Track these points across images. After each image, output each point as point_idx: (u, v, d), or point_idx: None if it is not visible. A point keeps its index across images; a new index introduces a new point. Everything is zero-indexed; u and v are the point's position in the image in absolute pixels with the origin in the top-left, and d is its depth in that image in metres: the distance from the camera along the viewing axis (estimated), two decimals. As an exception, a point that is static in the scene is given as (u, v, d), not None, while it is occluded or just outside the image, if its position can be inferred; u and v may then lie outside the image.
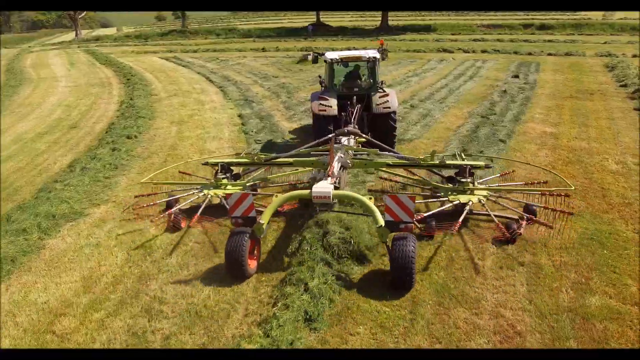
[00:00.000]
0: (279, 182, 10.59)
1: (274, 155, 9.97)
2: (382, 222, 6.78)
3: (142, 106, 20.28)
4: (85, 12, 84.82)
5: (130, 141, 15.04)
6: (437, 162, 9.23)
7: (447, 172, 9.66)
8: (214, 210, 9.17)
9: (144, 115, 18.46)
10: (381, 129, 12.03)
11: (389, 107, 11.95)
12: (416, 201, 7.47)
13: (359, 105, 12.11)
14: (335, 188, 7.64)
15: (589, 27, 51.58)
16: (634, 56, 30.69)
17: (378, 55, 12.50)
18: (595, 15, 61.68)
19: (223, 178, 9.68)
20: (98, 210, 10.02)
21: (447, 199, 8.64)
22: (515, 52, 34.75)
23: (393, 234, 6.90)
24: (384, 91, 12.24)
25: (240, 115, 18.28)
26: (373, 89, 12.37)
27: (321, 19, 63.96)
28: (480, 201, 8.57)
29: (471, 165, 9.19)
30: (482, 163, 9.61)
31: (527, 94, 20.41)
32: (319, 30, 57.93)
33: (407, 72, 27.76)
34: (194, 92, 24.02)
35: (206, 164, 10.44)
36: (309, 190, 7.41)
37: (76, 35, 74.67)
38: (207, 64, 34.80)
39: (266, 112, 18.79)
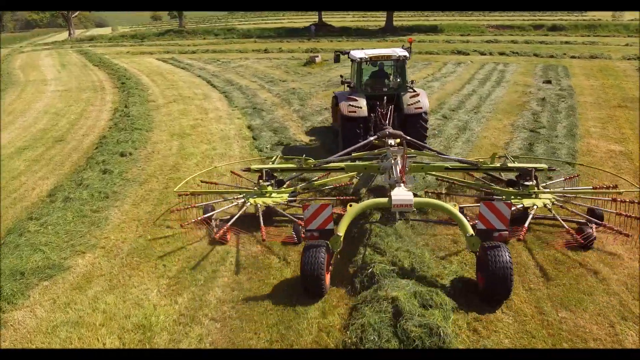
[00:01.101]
0: (322, 188, 10.04)
1: (323, 160, 9.47)
2: (471, 232, 6.51)
3: (138, 115, 18.02)
4: (78, 12, 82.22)
5: (124, 160, 12.79)
6: (499, 165, 9.08)
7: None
8: (248, 221, 8.31)
9: (140, 126, 16.19)
10: (412, 129, 11.40)
11: (421, 108, 11.58)
12: (472, 204, 7.38)
13: (390, 105, 11.72)
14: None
15: (603, 28, 49.73)
16: (666, 59, 28.81)
17: (408, 54, 11.92)
18: (605, 16, 59.90)
19: (268, 185, 8.98)
20: (82, 261, 7.77)
21: (521, 205, 8.17)
22: (536, 55, 32.73)
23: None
24: (414, 91, 11.91)
25: (250, 127, 16.08)
26: (402, 89, 12.01)
27: (323, 19, 61.79)
28: (545, 205, 8.10)
29: (535, 167, 8.84)
30: (545, 166, 9.32)
31: (569, 102, 18.32)
32: (321, 30, 55.77)
33: (426, 76, 25.62)
34: (195, 98, 21.77)
35: (247, 169, 9.70)
36: (386, 199, 7.10)
37: (69, 34, 72.10)
38: (207, 66, 32.54)
39: (279, 123, 16.59)
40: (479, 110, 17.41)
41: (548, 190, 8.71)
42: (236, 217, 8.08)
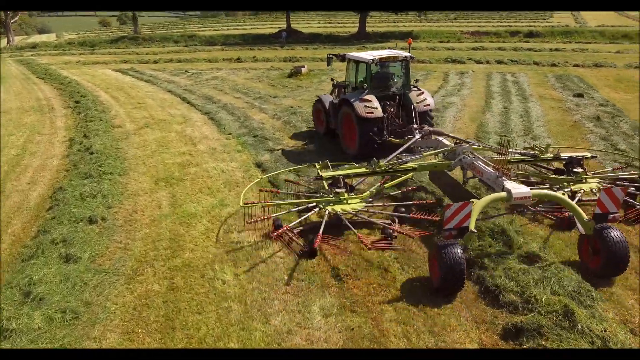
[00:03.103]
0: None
1: (394, 162, 9.38)
2: (586, 217, 6.94)
3: (104, 149, 13.69)
4: (19, 16, 74.07)
5: (94, 232, 8.62)
6: (553, 155, 9.67)
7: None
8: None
9: (110, 168, 11.95)
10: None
11: (429, 105, 12.39)
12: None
13: (401, 104, 12.41)
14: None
15: (579, 35, 48.97)
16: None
17: (412, 55, 12.61)
18: (571, 22, 59.85)
19: (344, 191, 8.73)
20: None
21: (569, 189, 8.79)
22: (536, 63, 30.55)
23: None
24: (419, 89, 12.66)
25: (259, 165, 12.23)
26: (407, 88, 12.61)
27: (292, 25, 58.16)
28: (592, 190, 8.78)
29: (584, 156, 9.59)
30: (589, 154, 10.02)
31: (627, 121, 15.65)
32: (290, 37, 52.12)
33: (436, 89, 22.52)
34: (172, 121, 17.57)
35: (319, 178, 9.05)
36: (505, 193, 7.22)
37: (8, 42, 64.41)
38: (175, 79, 28.15)
39: (297, 157, 12.82)
40: (535, 135, 14.36)
41: (595, 176, 9.43)
42: (323, 226, 7.79)
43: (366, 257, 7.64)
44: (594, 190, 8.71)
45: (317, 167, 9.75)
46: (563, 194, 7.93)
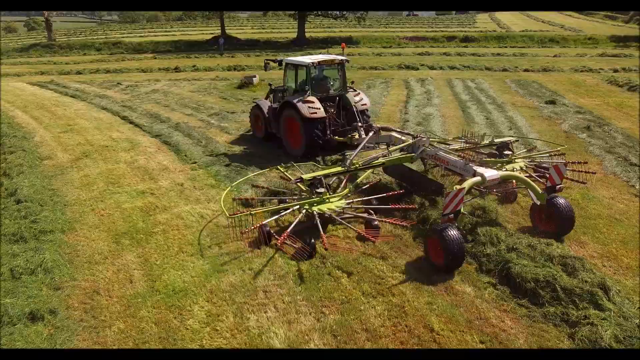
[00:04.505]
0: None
1: (369, 158, 9.72)
2: (540, 190, 8.20)
3: (34, 193, 10.59)
4: None
5: (38, 335, 5.87)
6: (488, 142, 10.79)
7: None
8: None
9: (48, 224, 8.96)
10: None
11: (365, 104, 13.03)
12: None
13: (342, 104, 13.03)
14: None
15: (511, 39, 50.70)
16: (615, 71, 28.24)
17: (347, 58, 13.27)
18: (493, 27, 62.28)
19: (326, 191, 8.94)
20: None
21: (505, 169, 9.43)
22: (488, 68, 30.48)
23: None
24: (355, 90, 13.33)
25: (248, 205, 9.86)
26: (345, 89, 13.20)
27: (227, 31, 55.06)
28: (522, 168, 9.86)
29: (510, 140, 10.60)
30: (513, 138, 11.09)
31: (618, 130, 15.10)
32: (227, 43, 49.13)
33: (405, 99, 21.20)
34: (117, 147, 14.57)
35: (300, 180, 8.87)
36: (478, 178, 7.93)
37: None
38: (108, 93, 24.57)
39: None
40: (534, 148, 13.25)
41: (520, 157, 10.48)
42: (321, 230, 7.83)
43: (362, 249, 8.07)
44: (523, 168, 9.94)
45: (281, 169, 10.33)
46: (518, 173, 8.92)
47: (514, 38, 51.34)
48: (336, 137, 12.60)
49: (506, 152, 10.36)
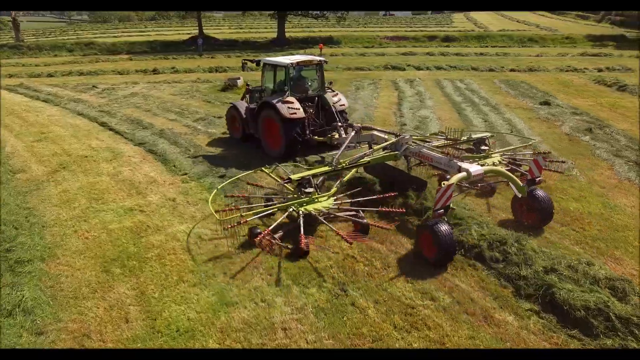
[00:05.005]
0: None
1: (353, 157, 9.69)
2: (521, 183, 8.32)
3: (6, 214, 9.44)
4: None
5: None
6: (466, 137, 10.80)
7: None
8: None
9: (25, 252, 7.88)
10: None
11: (344, 105, 13.13)
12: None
13: (320, 105, 13.08)
14: None
15: (491, 39, 50.91)
16: (600, 70, 28.37)
17: (325, 59, 13.21)
18: (470, 26, 62.62)
19: (315, 191, 8.94)
20: None
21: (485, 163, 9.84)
22: (474, 69, 30.23)
23: None
24: (333, 91, 13.42)
25: (255, 235, 8.99)
26: (323, 90, 13.22)
27: (204, 31, 53.59)
28: (500, 162, 10.21)
29: (486, 136, 10.77)
30: (489, 134, 11.17)
31: (620, 133, 14.80)
32: (206, 43, 47.75)
33: (397, 101, 20.60)
34: (98, 157, 13.45)
35: (289, 180, 8.78)
36: (464, 173, 7.91)
37: None
38: (83, 97, 23.18)
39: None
40: (550, 155, 12.77)
41: (497, 152, 10.70)
42: (302, 231, 7.83)
43: (353, 247, 7.97)
44: (501, 162, 10.18)
45: (266, 170, 10.20)
46: (500, 168, 8.99)
47: (494, 38, 51.51)
48: (315, 137, 12.68)
49: (483, 148, 10.63)
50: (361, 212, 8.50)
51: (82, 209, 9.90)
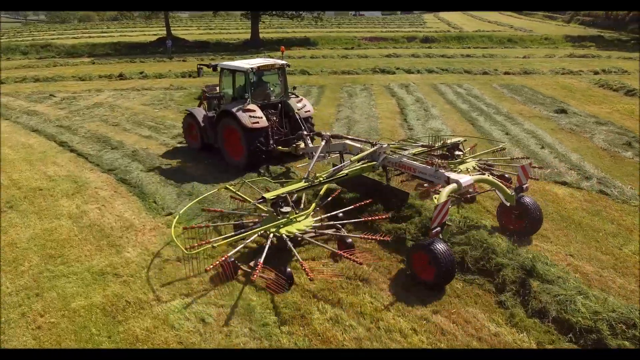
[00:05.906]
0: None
1: (330, 172, 8.95)
2: (509, 191, 8.14)
3: None
4: None
5: None
6: (441, 143, 10.37)
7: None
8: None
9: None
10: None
11: (309, 111, 12.62)
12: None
13: (284, 112, 12.37)
14: None
15: (470, 40, 49.93)
16: (596, 73, 27.30)
17: (287, 62, 12.62)
18: (443, 27, 61.85)
19: (291, 211, 8.05)
20: None
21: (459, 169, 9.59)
22: (467, 72, 28.66)
23: None
24: (297, 96, 12.77)
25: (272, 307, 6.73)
26: (286, 96, 12.57)
27: (172, 32, 50.32)
28: (474, 167, 9.86)
29: (460, 141, 10.45)
30: (462, 138, 10.84)
31: (661, 146, 13.25)
32: (175, 45, 44.65)
33: (399, 109, 18.61)
34: (56, 191, 10.77)
35: (263, 200, 8.02)
36: (454, 185, 7.53)
37: None
38: (39, 108, 20.15)
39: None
40: (591, 177, 10.98)
41: (471, 157, 10.47)
42: (299, 257, 7.10)
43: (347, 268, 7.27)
44: (475, 167, 9.92)
45: (231, 187, 9.13)
46: (488, 176, 8.71)
47: (474, 39, 50.50)
48: (279, 148, 12.08)
49: (457, 153, 10.32)
50: (344, 230, 7.95)
51: (33, 274, 7.34)
